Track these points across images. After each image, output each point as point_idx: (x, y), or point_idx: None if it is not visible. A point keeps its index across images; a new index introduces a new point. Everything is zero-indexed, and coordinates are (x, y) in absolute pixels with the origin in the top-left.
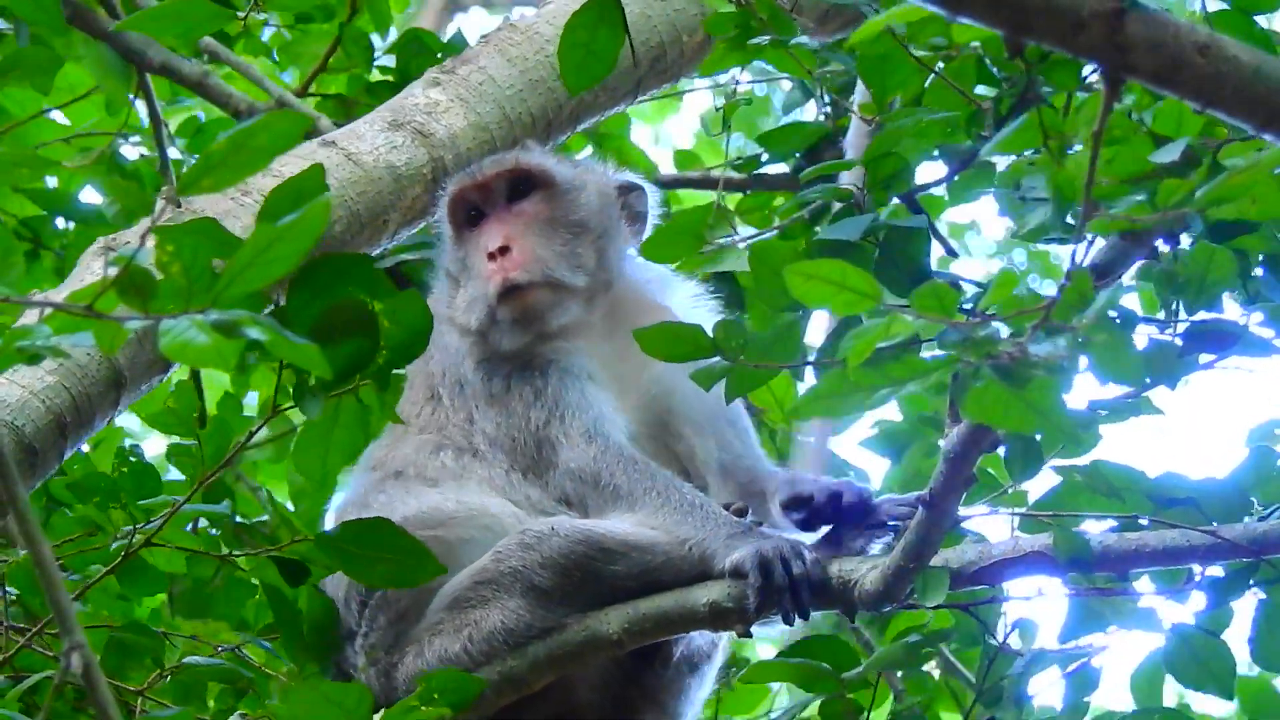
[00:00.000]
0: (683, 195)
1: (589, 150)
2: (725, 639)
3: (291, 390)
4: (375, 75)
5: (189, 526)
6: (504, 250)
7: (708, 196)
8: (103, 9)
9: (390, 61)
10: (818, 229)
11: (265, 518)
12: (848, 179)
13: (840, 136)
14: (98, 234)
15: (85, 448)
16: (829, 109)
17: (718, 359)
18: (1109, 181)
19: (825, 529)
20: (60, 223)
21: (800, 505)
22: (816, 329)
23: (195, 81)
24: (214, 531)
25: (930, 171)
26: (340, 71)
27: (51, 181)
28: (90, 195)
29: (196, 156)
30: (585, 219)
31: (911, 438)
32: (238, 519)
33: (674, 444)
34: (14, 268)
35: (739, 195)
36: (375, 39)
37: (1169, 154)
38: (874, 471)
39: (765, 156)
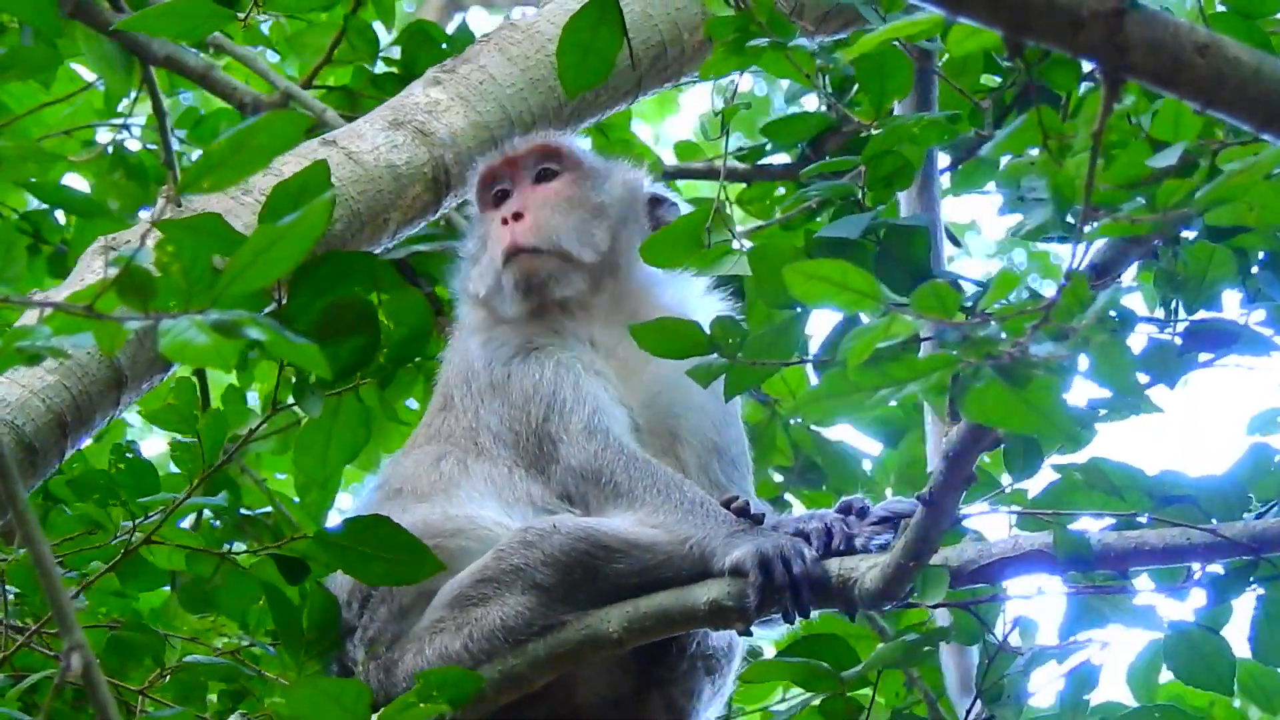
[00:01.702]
0: (683, 187)
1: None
2: (742, 641)
3: (292, 387)
4: (380, 68)
5: (190, 521)
6: (518, 216)
7: (709, 187)
8: (106, 1)
9: (395, 53)
10: (819, 219)
11: (268, 509)
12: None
13: (844, 127)
14: (98, 228)
15: (88, 441)
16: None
17: (715, 356)
18: (1108, 187)
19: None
20: (60, 217)
21: None
22: (817, 326)
23: (200, 75)
24: (216, 524)
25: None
26: (345, 63)
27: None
28: (82, 184)
29: (198, 149)
30: (605, 204)
31: (908, 424)
32: (242, 511)
33: (675, 448)
34: (16, 262)
35: (741, 185)
36: (380, 30)
37: (1167, 158)
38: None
39: (769, 147)
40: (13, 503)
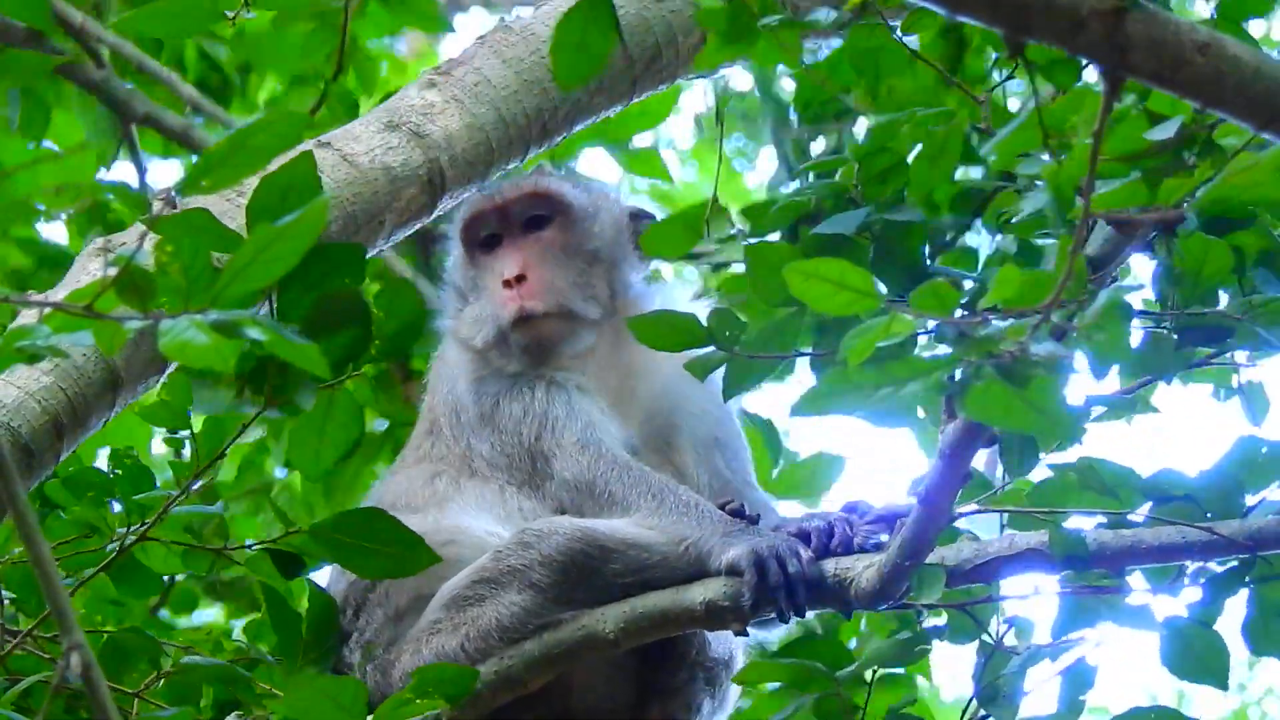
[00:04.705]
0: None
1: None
2: (742, 647)
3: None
4: None
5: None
6: (520, 279)
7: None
8: (92, 61)
9: None
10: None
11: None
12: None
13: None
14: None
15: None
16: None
17: (713, 349)
18: (1105, 159)
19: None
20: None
21: None
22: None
23: (179, 132)
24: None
25: None
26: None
27: (42, 231)
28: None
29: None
30: (599, 248)
31: None
32: None
33: (673, 456)
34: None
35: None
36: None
37: (1164, 131)
38: None
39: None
40: (13, 505)
